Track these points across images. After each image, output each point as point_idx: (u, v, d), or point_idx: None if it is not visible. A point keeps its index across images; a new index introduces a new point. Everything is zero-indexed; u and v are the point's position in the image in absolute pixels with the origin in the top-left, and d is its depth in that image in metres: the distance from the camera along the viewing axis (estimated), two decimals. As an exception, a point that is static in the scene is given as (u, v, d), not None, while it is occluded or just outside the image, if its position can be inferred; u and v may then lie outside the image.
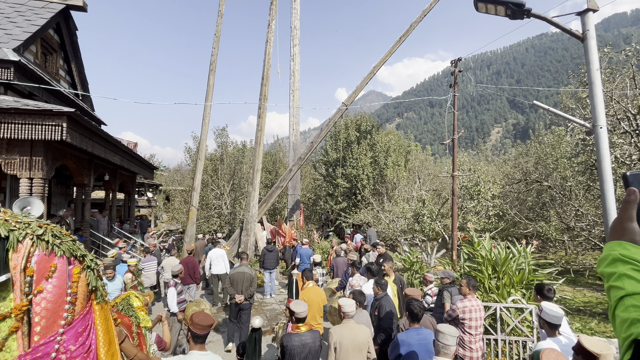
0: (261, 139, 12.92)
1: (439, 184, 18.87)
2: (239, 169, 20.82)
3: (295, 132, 16.50)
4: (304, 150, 13.84)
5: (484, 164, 17.54)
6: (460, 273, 7.42)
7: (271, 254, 10.30)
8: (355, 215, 16.83)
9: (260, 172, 12.99)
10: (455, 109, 10.45)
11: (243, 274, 6.71)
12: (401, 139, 22.55)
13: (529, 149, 19.06)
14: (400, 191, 16.82)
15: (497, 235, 15.23)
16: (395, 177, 17.48)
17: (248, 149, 22.79)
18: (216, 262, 9.28)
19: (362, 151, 18.66)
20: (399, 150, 20.07)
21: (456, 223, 10.17)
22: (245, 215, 12.71)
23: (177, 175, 36.48)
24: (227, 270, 9.21)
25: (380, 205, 16.30)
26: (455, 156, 10.37)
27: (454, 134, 10.40)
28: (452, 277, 5.43)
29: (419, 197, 15.71)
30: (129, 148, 11.90)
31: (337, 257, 8.83)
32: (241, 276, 6.68)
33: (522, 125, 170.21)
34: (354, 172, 18.39)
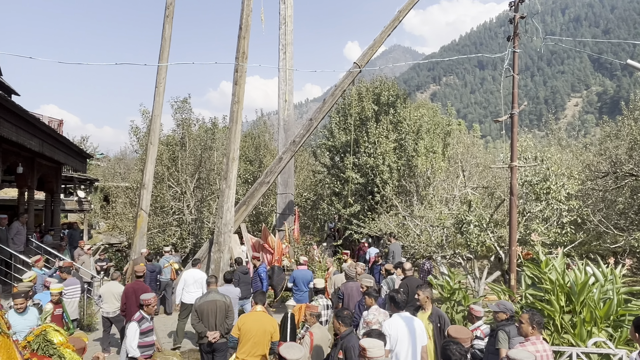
0: (239, 115, 12.91)
1: (492, 179, 18.83)
2: (208, 157, 20.79)
3: (288, 105, 16.49)
4: (300, 131, 13.84)
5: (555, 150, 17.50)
6: (521, 305, 7.44)
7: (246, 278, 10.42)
8: (372, 223, 16.87)
9: (237, 161, 13.01)
10: (516, 71, 10.40)
11: (215, 303, 6.87)
12: (438, 115, 22.51)
13: (620, 128, 18.95)
14: (437, 189, 16.81)
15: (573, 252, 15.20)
16: (430, 169, 17.48)
17: (220, 129, 22.74)
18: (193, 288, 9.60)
19: (382, 132, 18.65)
20: (434, 131, 20.04)
21: (515, 234, 10.17)
22: (216, 224, 12.76)
23: (119, 167, 36.55)
24: None
25: (408, 208, 16.31)
26: (515, 139, 10.34)
27: (513, 107, 10.36)
28: (509, 311, 5.46)
29: (462, 197, 15.71)
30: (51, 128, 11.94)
31: (348, 282, 8.85)
32: (212, 306, 6.82)
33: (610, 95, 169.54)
34: (370, 162, 18.39)
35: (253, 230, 21.35)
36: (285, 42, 16.37)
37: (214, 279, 7.41)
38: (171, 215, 19.44)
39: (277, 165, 13.59)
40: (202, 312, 6.77)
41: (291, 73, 16.55)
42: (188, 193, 19.56)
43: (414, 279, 8.35)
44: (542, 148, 15.89)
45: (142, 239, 14.75)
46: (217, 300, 6.91)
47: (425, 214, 14.75)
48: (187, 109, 20.55)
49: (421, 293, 6.14)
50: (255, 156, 24.61)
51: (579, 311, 6.50)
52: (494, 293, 8.65)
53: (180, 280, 9.90)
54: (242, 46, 12.85)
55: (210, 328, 6.75)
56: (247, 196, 13.56)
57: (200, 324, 6.74)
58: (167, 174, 19.57)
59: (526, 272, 7.84)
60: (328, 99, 13.88)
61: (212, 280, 7.36)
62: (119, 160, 39.09)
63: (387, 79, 21.46)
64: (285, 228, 15.75)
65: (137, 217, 15.01)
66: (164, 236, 18.76)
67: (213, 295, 7.02)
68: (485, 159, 24.21)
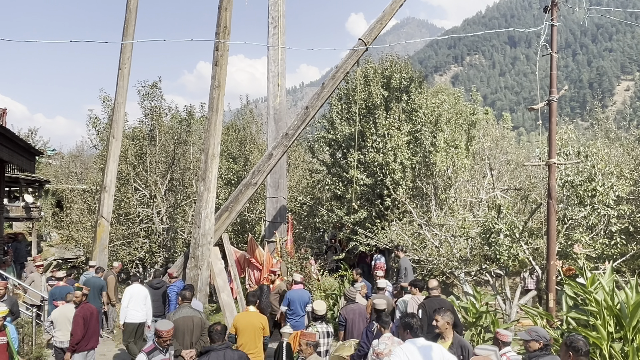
0: (220, 103, 12.90)
1: (525, 179, 18.85)
2: (182, 153, 20.77)
3: (279, 91, 16.49)
4: (294, 122, 13.84)
5: (602, 144, 17.52)
6: (561, 331, 7.46)
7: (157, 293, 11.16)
8: (382, 232, 16.88)
9: (218, 159, 13.00)
10: (555, 48, 10.43)
11: (190, 319, 7.55)
12: (460, 102, 22.52)
13: (680, 118, 19.05)
14: (459, 191, 16.83)
15: (624, 267, 15.21)
16: (451, 168, 17.50)
17: (197, 120, 22.72)
18: (137, 305, 10.32)
19: (393, 123, 18.66)
20: (456, 122, 20.05)
21: (554, 246, 10.20)
22: (193, 234, 12.75)
23: (75, 165, 36.49)
24: (148, 317, 10.52)
25: (425, 215, 16.32)
26: (554, 131, 10.37)
27: (551, 92, 10.39)
28: (544, 339, 5.46)
29: (490, 201, 15.73)
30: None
31: (349, 305, 8.88)
32: (188, 322, 7.48)
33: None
34: (379, 159, 18.40)
35: (237, 241, 21.32)
36: (277, 14, 16.37)
37: (189, 294, 8.18)
38: (138, 223, 19.40)
39: (267, 163, 13.59)
40: (176, 329, 7.07)
41: (283, 52, 16.55)
42: (159, 197, 19.55)
43: (437, 301, 8.09)
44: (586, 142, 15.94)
45: (103, 253, 14.73)
46: (194, 317, 7.63)
47: (446, 221, 14.75)
48: (158, 95, 20.54)
49: (440, 318, 6.14)
50: (240, 152, 24.58)
51: (631, 338, 6.52)
52: (529, 317, 8.67)
53: (125, 297, 10.50)
54: (223, 19, 12.83)
55: (185, 346, 7.20)
56: (230, 201, 13.54)
57: (174, 341, 7.00)
58: (133, 174, 19.54)
59: (567, 291, 7.87)
60: (327, 83, 13.87)
61: (188, 295, 8.09)
62: (75, 158, 38.99)
63: (399, 58, 21.45)
64: (276, 239, 15.74)
65: (96, 226, 14.99)
66: (130, 249, 18.74)
67: (187, 311, 7.70)
68: (518, 155, 24.22)
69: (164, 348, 6.38)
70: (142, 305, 10.56)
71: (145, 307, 10.60)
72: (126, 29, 15.17)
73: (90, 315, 8.53)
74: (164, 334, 6.32)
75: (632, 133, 25.83)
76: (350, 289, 9.40)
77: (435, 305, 7.66)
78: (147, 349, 6.39)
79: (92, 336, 8.55)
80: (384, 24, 14.02)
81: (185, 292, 8.24)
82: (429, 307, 7.89)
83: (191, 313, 7.73)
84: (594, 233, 12.74)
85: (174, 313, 7.78)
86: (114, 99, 16.03)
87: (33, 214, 25.34)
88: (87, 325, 8.41)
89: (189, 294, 8.25)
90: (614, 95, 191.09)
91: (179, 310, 7.82)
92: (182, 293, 8.27)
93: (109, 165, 15.03)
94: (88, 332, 8.45)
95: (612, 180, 12.22)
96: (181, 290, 8.54)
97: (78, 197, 22.97)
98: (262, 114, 27.55)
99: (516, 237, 11.93)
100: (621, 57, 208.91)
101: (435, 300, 8.10)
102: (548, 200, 10.22)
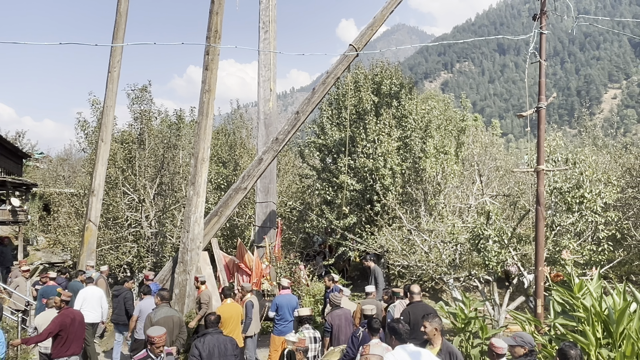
0: (210, 107, 12.88)
1: (514, 186, 18.97)
2: (172, 157, 20.68)
3: (270, 96, 16.49)
4: (284, 127, 13.84)
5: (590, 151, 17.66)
6: (549, 337, 7.48)
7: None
8: (371, 237, 16.88)
9: (207, 163, 12.96)
10: (543, 56, 10.51)
11: (171, 318, 8.12)
12: (450, 108, 22.65)
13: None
14: (449, 197, 16.88)
15: (611, 273, 15.33)
16: (440, 173, 17.56)
17: (187, 124, 22.65)
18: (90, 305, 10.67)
19: (383, 128, 18.72)
20: (445, 128, 20.17)
21: (543, 252, 10.24)
22: (182, 238, 12.70)
23: (63, 169, 36.22)
24: (103, 317, 11.15)
25: (415, 220, 16.36)
26: (542, 138, 10.43)
27: (539, 99, 10.47)
28: (529, 345, 5.47)
29: (479, 207, 15.80)
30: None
31: (335, 310, 8.87)
32: (168, 322, 8.01)
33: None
34: (369, 165, 18.44)
35: (226, 246, 21.25)
36: (268, 18, 16.39)
37: (167, 294, 8.67)
38: (126, 228, 19.28)
39: (257, 167, 13.56)
40: None
41: (274, 57, 16.57)
42: (147, 201, 19.44)
43: (421, 306, 8.13)
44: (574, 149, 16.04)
45: (91, 257, 14.62)
46: (173, 316, 8.22)
47: (435, 227, 14.78)
48: (147, 98, 20.45)
49: (428, 324, 6.13)
50: (230, 157, 24.53)
51: (618, 344, 6.55)
52: (517, 323, 8.69)
53: (79, 298, 10.72)
54: (214, 23, 12.83)
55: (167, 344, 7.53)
56: (219, 205, 13.49)
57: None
58: (122, 178, 19.44)
59: (555, 297, 7.90)
60: (318, 89, 13.89)
61: (165, 295, 8.56)
62: (63, 161, 38.71)
63: (390, 64, 21.54)
64: (265, 244, 15.70)
65: (84, 230, 14.88)
66: (118, 253, 18.61)
67: (165, 311, 8.22)
68: (507, 162, 24.34)
69: (157, 355, 6.25)
70: (96, 307, 10.89)
71: (101, 308, 11.02)
72: (116, 32, 15.11)
73: (71, 321, 8.34)
74: (156, 339, 6.20)
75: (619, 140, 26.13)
76: (336, 294, 9.37)
77: (418, 311, 7.72)
78: (139, 356, 6.32)
79: (72, 342, 8.32)
80: (375, 30, 14.09)
81: (164, 293, 8.63)
82: (412, 313, 7.92)
83: (171, 313, 8.26)
84: (582, 239, 12.82)
85: (155, 313, 8.19)
86: (103, 102, 15.94)
87: (20, 218, 25.06)
88: (66, 330, 8.27)
89: (167, 294, 8.66)
90: (601, 103, 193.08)
91: (159, 310, 8.25)
92: (160, 293, 8.58)
93: (97, 169, 14.94)
94: (68, 338, 8.25)
95: (599, 187, 12.31)
96: (159, 291, 8.81)
97: (66, 201, 22.81)
98: (252, 118, 27.52)
99: (505, 243, 11.98)
100: (608, 65, 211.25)
101: (418, 306, 8.12)
102: (536, 207, 10.27)
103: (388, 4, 14.16)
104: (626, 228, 15.21)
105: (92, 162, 17.21)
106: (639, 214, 16.83)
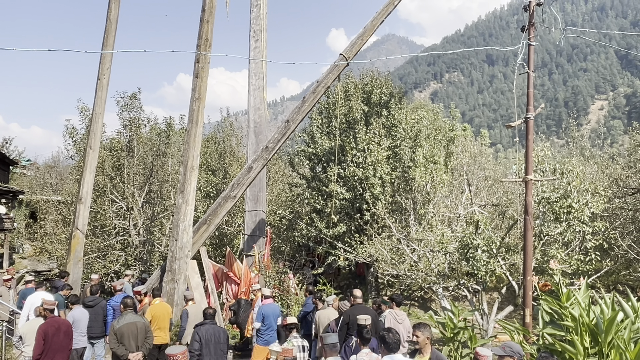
0: (200, 115, 12.85)
1: (503, 195, 19.08)
2: (161, 165, 20.59)
3: (259, 104, 16.49)
4: (274, 135, 13.84)
5: (577, 161, 17.85)
6: (538, 346, 7.49)
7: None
8: (361, 247, 16.87)
9: (197, 171, 12.91)
10: (531, 68, 10.62)
11: (134, 324, 8.32)
12: (439, 118, 22.79)
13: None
14: (438, 206, 16.94)
15: (599, 283, 15.42)
16: (429, 183, 17.64)
17: (177, 132, 22.56)
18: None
19: (373, 138, 18.78)
20: (435, 137, 20.27)
21: (531, 261, 10.29)
22: (170, 247, 12.61)
23: (50, 176, 35.92)
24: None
25: (404, 230, 16.38)
26: (531, 148, 10.51)
27: (528, 110, 10.56)
28: (518, 355, 5.46)
29: (468, 216, 15.86)
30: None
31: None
32: (132, 328, 8.27)
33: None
34: (358, 174, 18.47)
35: (215, 255, 21.13)
36: (259, 27, 16.43)
37: (130, 301, 8.76)
38: (114, 236, 19.14)
39: (246, 176, 13.53)
40: (122, 335, 8.12)
41: (264, 65, 16.59)
42: (135, 209, 19.32)
43: (360, 308, 8.92)
44: (561, 159, 16.19)
45: (77, 265, 14.47)
46: (137, 322, 8.38)
47: (424, 236, 14.82)
48: (137, 106, 20.38)
49: (420, 333, 6.13)
50: (220, 165, 24.46)
51: (606, 353, 6.57)
52: (506, 332, 8.69)
53: (27, 305, 10.47)
54: (205, 32, 12.84)
55: (131, 350, 8.10)
56: (208, 213, 13.43)
57: (120, 347, 8.08)
58: (110, 186, 19.31)
59: (544, 306, 7.91)
60: (308, 97, 13.92)
61: (129, 302, 8.68)
62: (50, 168, 38.42)
63: (380, 74, 21.64)
64: (254, 253, 15.64)
65: (71, 238, 14.73)
66: (105, 262, 18.45)
67: (130, 317, 8.38)
68: (495, 172, 24.49)
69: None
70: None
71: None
72: (106, 39, 15.05)
73: (55, 330, 8.18)
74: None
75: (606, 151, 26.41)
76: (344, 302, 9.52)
77: (356, 312, 8.57)
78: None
79: (57, 352, 8.11)
80: (365, 39, 14.17)
81: (127, 300, 8.71)
82: (352, 314, 8.73)
83: (134, 319, 8.41)
84: (570, 249, 12.91)
85: (117, 321, 8.34)
86: (92, 110, 15.85)
87: (5, 225, 24.76)
88: (48, 340, 8.11)
89: (130, 301, 8.73)
90: (588, 114, 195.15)
91: (122, 317, 8.39)
92: (123, 301, 8.66)
93: (85, 177, 14.82)
94: (52, 348, 8.06)
95: (587, 197, 12.42)
96: (123, 299, 8.81)
97: (53, 209, 22.60)
98: (242, 126, 27.48)
99: (493, 252, 12.04)
100: (595, 77, 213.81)
101: (358, 307, 8.94)
102: (525, 217, 10.33)
103: (378, 14, 14.26)
104: (613, 238, 15.33)
105: (80, 169, 17.08)
106: (625, 224, 16.98)
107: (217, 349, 8.12)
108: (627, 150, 22.75)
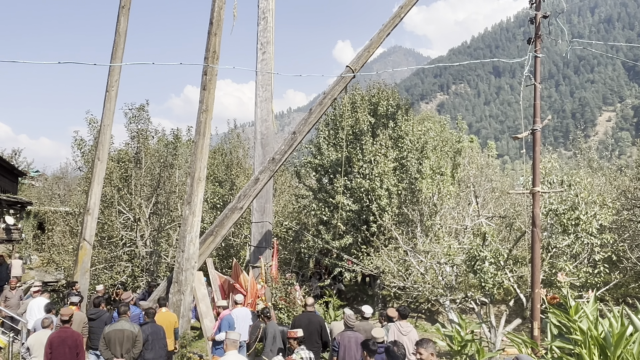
0: (207, 126, 12.91)
1: (510, 207, 19.01)
2: (168, 176, 20.64)
3: (266, 116, 16.55)
4: (281, 147, 13.87)
5: (585, 173, 17.78)
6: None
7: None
8: (367, 258, 16.83)
9: (204, 182, 12.94)
10: (538, 79, 10.64)
11: (122, 331, 8.58)
12: (446, 130, 22.80)
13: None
14: (445, 218, 16.89)
15: (607, 295, 15.29)
16: (436, 194, 17.59)
17: (184, 143, 22.63)
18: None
19: (379, 149, 18.79)
20: (442, 149, 20.26)
21: (539, 274, 10.23)
22: (177, 258, 12.61)
23: (58, 187, 36.14)
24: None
25: (411, 241, 16.33)
26: (538, 160, 10.50)
27: (535, 122, 10.56)
28: (529, 368, 5.42)
29: (475, 228, 15.80)
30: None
31: (346, 332, 8.92)
32: (119, 334, 8.52)
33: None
34: (365, 185, 18.46)
35: (222, 266, 21.10)
36: (266, 40, 16.52)
37: (125, 308, 9.19)
38: (121, 247, 19.15)
39: (253, 187, 13.55)
40: (109, 340, 8.53)
41: (271, 77, 16.67)
42: (143, 220, 19.35)
43: (306, 315, 9.60)
44: (569, 171, 16.14)
45: (85, 276, 14.49)
46: (125, 330, 8.67)
47: (431, 248, 14.76)
48: (144, 118, 20.47)
49: (424, 350, 6.06)
50: (226, 176, 24.50)
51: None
52: (514, 345, 8.62)
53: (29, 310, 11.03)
54: (212, 44, 12.93)
55: (117, 355, 8.44)
56: (215, 225, 13.44)
57: (107, 351, 8.48)
58: (118, 197, 19.37)
59: (552, 319, 7.85)
60: (315, 109, 13.97)
61: (124, 310, 9.11)
62: (58, 180, 38.65)
63: (386, 86, 21.72)
64: (261, 264, 15.61)
65: (78, 249, 14.76)
66: (112, 273, 18.46)
67: (121, 324, 8.74)
68: (503, 183, 24.44)
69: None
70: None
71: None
72: (115, 51, 15.20)
73: (60, 342, 8.19)
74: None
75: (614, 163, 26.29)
76: (350, 316, 9.43)
77: (303, 319, 9.49)
78: None
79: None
80: (372, 52, 14.22)
81: (120, 307, 9.28)
82: (298, 320, 9.61)
83: (123, 326, 8.73)
84: (578, 262, 12.82)
85: (109, 326, 8.85)
86: (100, 121, 15.95)
87: (14, 236, 24.90)
88: (53, 350, 8.14)
89: (123, 308, 9.20)
90: (596, 125, 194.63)
91: (115, 323, 8.90)
92: (117, 308, 9.33)
93: (93, 188, 14.88)
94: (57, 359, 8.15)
95: (595, 209, 12.35)
96: (119, 306, 9.42)
97: (60, 220, 22.66)
98: (249, 138, 27.56)
99: (501, 264, 11.97)
100: (603, 88, 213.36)
101: (307, 314, 9.81)
102: (532, 228, 10.29)
103: (384, 26, 14.34)
104: (622, 250, 15.23)
105: (88, 180, 17.16)
106: (634, 236, 16.86)
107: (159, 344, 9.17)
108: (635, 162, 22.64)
